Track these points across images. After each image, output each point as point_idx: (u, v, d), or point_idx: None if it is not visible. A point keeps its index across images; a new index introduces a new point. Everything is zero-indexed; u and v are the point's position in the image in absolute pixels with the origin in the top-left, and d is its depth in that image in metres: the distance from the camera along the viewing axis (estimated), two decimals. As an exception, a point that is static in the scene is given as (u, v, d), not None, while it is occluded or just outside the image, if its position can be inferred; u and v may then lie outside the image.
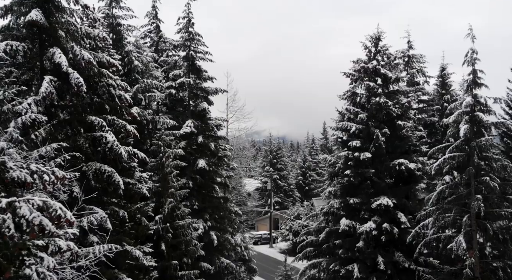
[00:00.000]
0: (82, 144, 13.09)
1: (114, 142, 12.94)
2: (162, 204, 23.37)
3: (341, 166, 20.38)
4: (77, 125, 13.57)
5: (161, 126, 24.36)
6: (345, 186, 20.65)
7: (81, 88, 12.33)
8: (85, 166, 13.00)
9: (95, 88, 14.34)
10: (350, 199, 19.83)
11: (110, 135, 13.15)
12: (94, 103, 14.39)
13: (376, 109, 20.33)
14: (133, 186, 14.48)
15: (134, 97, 24.00)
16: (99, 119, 13.39)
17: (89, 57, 12.97)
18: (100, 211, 12.38)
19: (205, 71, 27.81)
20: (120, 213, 13.64)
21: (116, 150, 12.86)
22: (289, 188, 56.47)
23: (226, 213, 28.54)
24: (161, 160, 23.50)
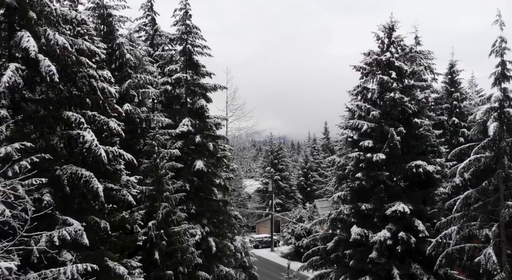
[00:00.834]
0: (56, 144, 11.01)
1: (93, 142, 10.87)
2: (156, 209, 21.37)
3: (352, 168, 18.31)
4: (52, 121, 11.49)
5: (155, 124, 22.28)
6: (355, 190, 18.57)
7: (53, 77, 10.27)
8: (60, 170, 10.92)
9: (73, 79, 12.25)
10: (361, 205, 17.75)
11: (89, 133, 11.08)
12: (72, 97, 12.30)
13: (391, 106, 18.24)
14: (116, 193, 12.40)
15: (126, 93, 21.98)
16: (76, 115, 11.32)
17: (64, 42, 10.89)
18: (75, 223, 10.32)
19: (203, 66, 25.74)
20: (101, 223, 11.56)
21: (94, 151, 10.79)
22: (291, 189, 54.37)
23: (225, 217, 26.49)
24: (154, 161, 21.47)
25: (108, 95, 12.83)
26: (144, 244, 20.60)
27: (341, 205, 18.82)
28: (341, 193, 18.65)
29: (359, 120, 18.78)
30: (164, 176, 21.59)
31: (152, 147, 21.71)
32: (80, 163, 11.92)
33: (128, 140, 22.76)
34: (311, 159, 59.55)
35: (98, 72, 12.51)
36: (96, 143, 10.85)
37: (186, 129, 24.41)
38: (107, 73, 13.12)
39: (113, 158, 12.77)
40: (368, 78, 19.36)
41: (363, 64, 19.51)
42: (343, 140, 19.92)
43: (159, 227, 20.97)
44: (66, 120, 11.44)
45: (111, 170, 12.97)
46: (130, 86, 21.78)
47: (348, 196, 18.52)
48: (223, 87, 26.35)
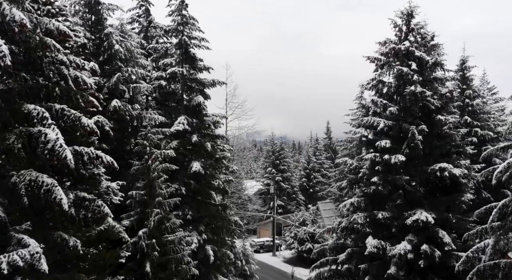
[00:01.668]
0: (13, 144, 8.71)
1: (56, 141, 8.58)
2: (148, 216, 19.09)
3: (366, 172, 16.01)
4: (9, 116, 9.20)
5: (147, 122, 19.99)
6: (370, 196, 16.25)
7: (4, 60, 7.96)
8: (17, 176, 8.63)
9: (39, 66, 9.96)
10: (378, 213, 15.45)
11: (53, 131, 8.79)
12: (39, 88, 10.00)
13: (411, 101, 15.93)
14: (90, 203, 10.10)
15: (115, 88, 19.72)
16: (39, 109, 9.03)
17: (22, 17, 8.60)
18: (32, 243, 8.03)
19: (201, 60, 23.45)
20: (70, 241, 9.27)
21: (58, 153, 8.49)
22: (293, 191, 52.01)
23: (224, 223, 24.19)
24: (146, 163, 19.21)
25: (83, 85, 10.51)
26: (135, 255, 18.43)
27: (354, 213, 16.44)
28: (354, 199, 16.31)
29: (374, 117, 16.47)
30: (156, 179, 19.35)
31: (143, 148, 19.45)
32: (46, 168, 9.62)
33: (118, 139, 20.50)
34: (313, 159, 57.16)
35: (69, 57, 10.20)
36: (61, 143, 8.55)
37: (182, 127, 22.15)
38: (80, 60, 10.81)
39: (88, 160, 10.45)
40: (384, 70, 17.05)
41: (378, 54, 17.20)
42: (357, 140, 17.60)
43: (151, 235, 18.77)
44: (27, 115, 9.14)
45: (86, 175, 10.66)
46: (119, 80, 19.50)
47: (362, 203, 16.20)
48: (222, 83, 24.03)
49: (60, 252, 9.42)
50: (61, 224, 9.94)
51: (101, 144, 18.77)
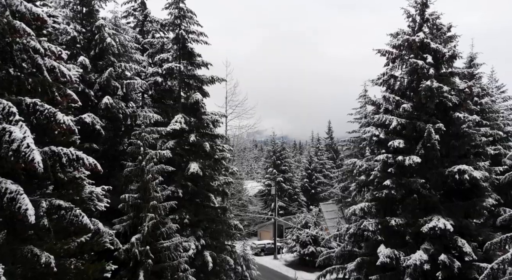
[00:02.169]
0: (-27, 143, 7.30)
1: (23, 141, 7.18)
2: (141, 221, 17.70)
3: (378, 174, 14.59)
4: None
5: (141, 121, 18.58)
6: (382, 201, 14.83)
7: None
8: (-23, 182, 7.22)
9: (8, 54, 8.55)
10: (391, 219, 14.02)
11: (21, 129, 7.40)
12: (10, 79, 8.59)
13: (426, 97, 14.49)
14: (66, 212, 8.69)
15: (106, 84, 18.32)
16: (4, 103, 7.63)
17: (-17, -5, 7.18)
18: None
19: (199, 55, 22.04)
20: (42, 257, 7.87)
21: (25, 154, 7.09)
22: (294, 192, 50.57)
23: (224, 227, 22.78)
24: (140, 164, 17.83)
25: (60, 77, 9.10)
26: (127, 262, 17.07)
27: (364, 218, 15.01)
28: (364, 204, 14.87)
29: (386, 114, 15.05)
30: (151, 182, 17.99)
31: (137, 148, 18.07)
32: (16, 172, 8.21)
33: (110, 139, 19.12)
34: (315, 159, 55.67)
35: (43, 45, 8.79)
36: (28, 143, 7.16)
37: (179, 126, 20.75)
38: (57, 48, 9.38)
39: (68, 163, 9.04)
40: (395, 64, 15.61)
41: (390, 47, 15.77)
42: (367, 139, 16.15)
43: (145, 241, 17.42)
44: (-9, 110, 7.73)
45: (65, 179, 9.26)
46: (111, 76, 18.10)
47: (372, 208, 14.78)
48: (222, 80, 22.62)
49: (32, 268, 8.03)
50: (35, 235, 8.54)
51: (91, 144, 17.42)
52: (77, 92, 17.85)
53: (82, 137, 18.98)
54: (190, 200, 21.67)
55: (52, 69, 9.08)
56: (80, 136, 18.86)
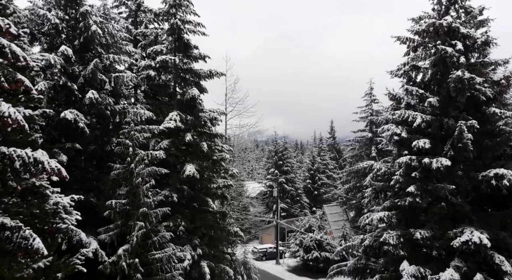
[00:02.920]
0: None
1: None
2: (130, 230, 15.67)
3: (400, 179, 12.51)
4: None
5: (131, 118, 16.53)
6: (404, 209, 12.74)
7: None
8: None
9: None
10: (415, 231, 11.96)
11: None
12: None
13: (456, 90, 12.41)
14: (12, 233, 6.59)
15: (92, 77, 16.28)
16: None
17: None
18: None
19: (196, 47, 19.98)
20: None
21: None
22: (297, 193, 48.45)
23: (223, 234, 20.73)
24: (129, 167, 15.79)
25: (12, 58, 7.02)
26: (114, 277, 15.08)
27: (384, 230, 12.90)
28: (383, 213, 12.78)
29: (408, 110, 12.96)
30: (141, 186, 15.97)
31: (125, 148, 16.06)
32: None
33: (96, 138, 17.06)
34: (318, 160, 53.50)
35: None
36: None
37: (174, 124, 18.73)
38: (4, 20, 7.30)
39: (23, 167, 6.96)
40: (418, 53, 13.51)
41: (412, 33, 13.66)
42: (386, 138, 14.04)
43: (134, 253, 15.45)
44: None
45: (18, 188, 7.18)
46: (97, 68, 16.03)
47: (393, 218, 12.70)
48: (221, 74, 20.54)
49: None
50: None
51: (74, 144, 15.39)
52: (58, 86, 15.91)
53: (64, 136, 17.05)
54: (186, 205, 19.64)
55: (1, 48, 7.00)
56: (62, 135, 17.03)
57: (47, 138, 16.46)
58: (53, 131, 15.98)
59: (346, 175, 40.83)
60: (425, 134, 12.91)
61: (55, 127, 16.12)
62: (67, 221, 8.64)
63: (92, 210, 16.33)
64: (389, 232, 12.49)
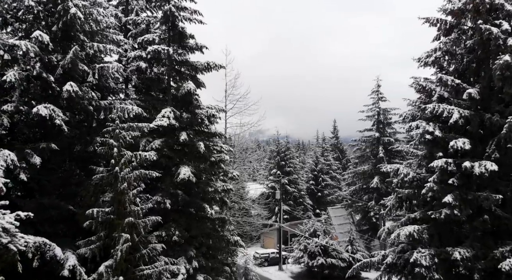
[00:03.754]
0: None
1: None
2: (114, 242, 13.50)
3: (434, 186, 10.32)
4: None
5: (116, 115, 14.35)
6: (437, 223, 10.53)
7: None
8: None
9: None
10: (453, 250, 9.80)
11: None
12: None
13: (503, 79, 10.21)
14: None
15: (71, 67, 14.08)
16: None
17: None
18: None
19: (191, 37, 17.81)
20: None
21: None
22: (300, 195, 46.22)
23: (222, 244, 18.53)
24: (113, 170, 13.60)
25: None
26: (95, 297, 12.94)
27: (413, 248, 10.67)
28: (414, 228, 10.57)
29: (442, 104, 10.75)
30: (127, 192, 13.76)
31: (109, 149, 13.87)
32: None
33: (77, 137, 14.86)
34: (321, 160, 51.24)
35: None
36: None
37: (167, 122, 16.57)
38: None
39: None
40: (453, 36, 11.30)
41: (443, 14, 11.46)
42: (416, 138, 11.77)
43: (119, 269, 13.27)
44: None
45: None
46: (77, 57, 13.84)
47: (424, 234, 10.50)
48: (220, 66, 18.35)
49: None
50: None
51: (49, 144, 13.19)
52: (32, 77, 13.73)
53: (38, 134, 14.90)
54: (181, 212, 17.48)
55: None
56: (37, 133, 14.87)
57: (20, 137, 14.33)
58: (26, 129, 13.81)
59: (352, 177, 38.70)
60: (461, 133, 10.74)
61: (29, 125, 13.98)
62: (12, 245, 6.45)
63: (71, 219, 14.19)
64: (420, 251, 10.31)
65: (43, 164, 13.82)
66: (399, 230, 10.98)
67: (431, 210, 10.67)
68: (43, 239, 12.33)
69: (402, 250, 11.33)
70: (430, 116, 11.19)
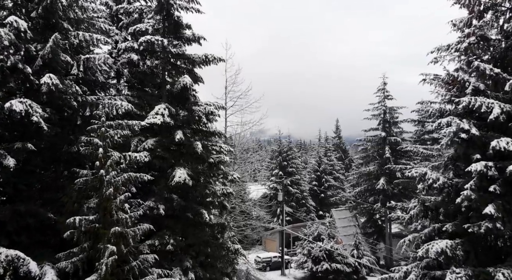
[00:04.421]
0: None
1: None
2: (99, 254, 11.90)
3: (472, 195, 8.68)
4: None
5: (102, 111, 12.72)
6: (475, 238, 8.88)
7: None
8: None
9: None
10: (496, 271, 8.14)
11: None
12: None
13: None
14: None
15: (52, 58, 12.46)
16: None
17: None
18: None
19: (188, 27, 16.22)
20: None
21: None
22: (302, 196, 44.58)
23: (221, 252, 16.92)
24: (98, 172, 12.00)
25: None
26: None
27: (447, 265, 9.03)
28: (446, 244, 8.91)
29: (479, 97, 9.12)
30: (113, 198, 12.14)
31: (94, 149, 12.25)
32: None
33: (59, 136, 13.22)
34: (325, 160, 49.55)
35: None
36: None
37: (161, 120, 15.00)
38: None
39: None
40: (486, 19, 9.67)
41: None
42: (448, 136, 10.10)
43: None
44: None
45: None
46: (58, 46, 12.21)
47: (458, 250, 8.87)
48: (220, 59, 16.71)
49: None
50: None
51: (25, 144, 11.56)
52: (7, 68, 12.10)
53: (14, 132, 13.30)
54: (177, 218, 15.88)
55: None
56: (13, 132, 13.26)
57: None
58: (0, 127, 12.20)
59: (357, 178, 37.07)
60: (502, 131, 9.12)
61: (4, 123, 12.36)
62: None
63: (53, 229, 12.58)
64: (454, 271, 8.67)
65: (20, 167, 12.23)
66: (428, 245, 9.33)
67: (466, 222, 9.03)
68: (16, 252, 10.77)
69: (428, 266, 9.76)
70: (463, 112, 9.57)
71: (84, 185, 12.36)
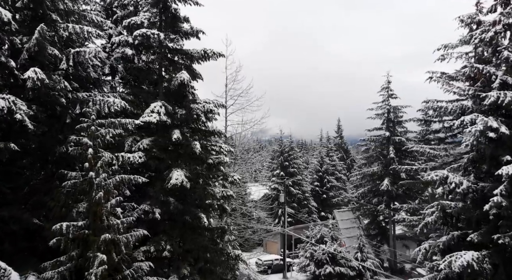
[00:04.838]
0: None
1: None
2: (89, 264, 10.98)
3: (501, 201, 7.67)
4: None
5: (92, 108, 11.76)
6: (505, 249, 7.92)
7: None
8: None
9: None
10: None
11: None
12: None
13: None
14: None
15: (38, 51, 11.50)
16: None
17: None
18: None
19: (186, 20, 15.26)
20: None
21: None
22: (304, 196, 43.58)
23: (221, 258, 15.95)
24: (87, 175, 11.05)
25: None
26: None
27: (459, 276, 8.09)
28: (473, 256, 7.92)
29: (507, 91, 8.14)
30: (104, 202, 11.20)
31: (84, 149, 11.30)
32: None
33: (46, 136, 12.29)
34: (327, 161, 48.50)
35: None
36: None
37: (157, 118, 14.05)
38: None
39: None
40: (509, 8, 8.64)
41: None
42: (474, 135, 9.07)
43: (94, 297, 10.64)
44: None
45: None
46: (44, 38, 11.26)
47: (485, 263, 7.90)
48: (219, 55, 15.75)
49: None
50: None
51: (7, 144, 10.62)
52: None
53: None
54: (174, 222, 14.94)
55: None
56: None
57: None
58: (-19, 125, 11.26)
59: (360, 178, 36.07)
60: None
61: (-13, 120, 11.42)
62: None
63: (39, 235, 11.65)
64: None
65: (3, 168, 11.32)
66: (451, 257, 8.35)
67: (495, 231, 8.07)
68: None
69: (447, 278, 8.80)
70: (488, 109, 8.61)
71: (72, 188, 11.45)
